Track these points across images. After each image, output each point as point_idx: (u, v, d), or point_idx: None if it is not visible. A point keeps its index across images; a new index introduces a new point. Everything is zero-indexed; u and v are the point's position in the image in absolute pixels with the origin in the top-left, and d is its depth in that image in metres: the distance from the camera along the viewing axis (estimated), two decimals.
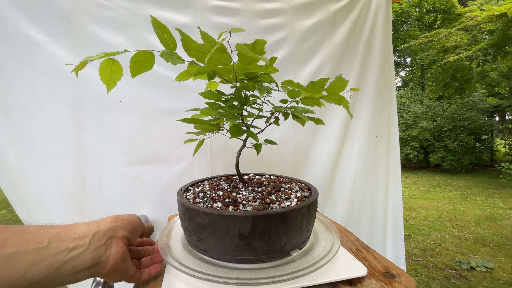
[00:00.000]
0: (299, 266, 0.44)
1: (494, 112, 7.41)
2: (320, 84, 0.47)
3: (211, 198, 0.53)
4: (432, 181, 6.00)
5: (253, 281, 0.41)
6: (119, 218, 0.42)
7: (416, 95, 8.78)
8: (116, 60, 0.42)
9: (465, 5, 7.79)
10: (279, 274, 0.42)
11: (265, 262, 0.46)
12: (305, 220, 0.48)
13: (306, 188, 0.58)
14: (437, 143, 6.93)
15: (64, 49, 0.79)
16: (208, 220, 0.44)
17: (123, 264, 0.39)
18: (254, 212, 0.44)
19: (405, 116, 7.41)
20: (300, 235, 0.48)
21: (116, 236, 0.39)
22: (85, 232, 0.36)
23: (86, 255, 0.35)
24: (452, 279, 2.20)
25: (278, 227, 0.44)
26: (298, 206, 0.46)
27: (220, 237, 0.44)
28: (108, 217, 0.42)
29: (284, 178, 0.68)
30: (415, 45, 7.11)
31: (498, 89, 8.42)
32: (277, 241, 0.45)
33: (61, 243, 0.33)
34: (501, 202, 4.28)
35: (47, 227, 0.34)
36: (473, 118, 6.79)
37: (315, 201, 0.51)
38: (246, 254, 0.45)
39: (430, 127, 6.95)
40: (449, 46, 6.69)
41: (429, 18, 11.01)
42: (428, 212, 3.90)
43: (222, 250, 0.45)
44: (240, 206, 0.48)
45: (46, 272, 0.31)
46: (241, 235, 0.43)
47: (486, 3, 6.36)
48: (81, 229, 0.37)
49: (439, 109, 7.32)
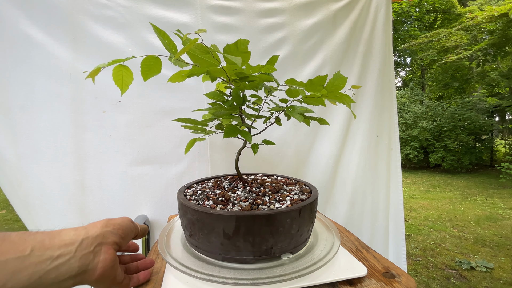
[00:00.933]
0: (298, 267, 0.44)
1: (494, 112, 7.41)
2: (318, 82, 0.47)
3: (206, 196, 0.54)
4: (432, 181, 6.00)
5: (253, 281, 0.41)
6: (109, 222, 0.41)
7: (416, 95, 8.77)
8: (126, 66, 0.44)
9: (465, 5, 7.79)
10: (279, 274, 0.42)
11: (251, 263, 0.45)
12: (295, 224, 0.46)
13: (308, 191, 0.57)
14: (437, 143, 6.93)
15: (63, 48, 0.79)
16: (197, 217, 0.46)
17: (112, 271, 0.38)
18: (238, 212, 0.44)
19: (405, 116, 7.40)
20: (290, 239, 0.46)
21: (106, 242, 0.38)
22: (72, 238, 0.35)
23: (72, 263, 0.33)
24: (452, 279, 2.20)
25: (263, 229, 0.44)
26: (286, 209, 0.45)
27: (207, 235, 0.46)
28: (99, 222, 0.40)
29: (291, 179, 0.66)
30: (415, 45, 7.11)
31: (498, 89, 8.42)
32: (262, 243, 0.44)
33: (45, 251, 0.32)
34: (501, 202, 4.28)
35: (31, 234, 0.33)
36: (473, 118, 6.78)
37: (308, 205, 0.48)
38: (231, 254, 0.45)
39: (430, 127, 6.95)
40: (449, 46, 6.69)
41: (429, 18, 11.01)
42: (428, 212, 3.90)
43: (210, 247, 0.46)
44: (229, 206, 0.49)
45: (27, 282, 0.30)
46: (226, 234, 0.44)
47: (486, 3, 6.36)
48: (68, 235, 0.35)
49: (439, 109, 7.31)
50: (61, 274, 0.33)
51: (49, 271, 0.32)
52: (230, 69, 0.46)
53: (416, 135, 7.02)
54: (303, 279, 0.43)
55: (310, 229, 0.52)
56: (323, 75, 0.45)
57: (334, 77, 0.48)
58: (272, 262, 0.46)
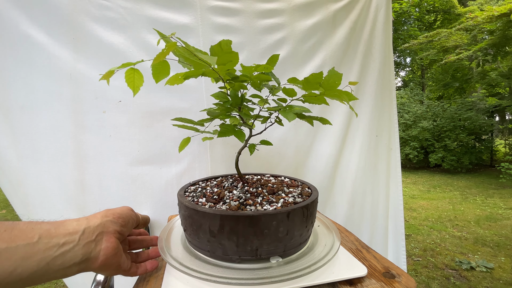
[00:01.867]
0: (298, 267, 0.44)
1: (494, 112, 7.41)
2: (314, 79, 0.46)
3: (202, 193, 0.55)
4: (432, 181, 6.00)
5: (253, 281, 0.41)
6: (109, 212, 0.42)
7: (416, 95, 8.77)
8: (137, 69, 0.46)
9: (465, 5, 7.79)
10: (279, 274, 0.42)
11: (236, 263, 0.46)
12: (282, 227, 0.45)
13: (307, 195, 0.55)
14: (437, 143, 6.93)
15: (63, 48, 0.79)
16: (188, 213, 0.48)
17: (115, 258, 0.39)
18: (223, 211, 0.45)
19: (405, 116, 7.40)
20: (278, 243, 0.45)
21: (107, 231, 0.39)
22: (75, 228, 0.37)
23: (76, 251, 0.35)
24: (452, 279, 2.20)
25: (246, 230, 0.44)
26: (272, 211, 0.44)
27: (196, 230, 0.47)
28: (99, 213, 0.42)
29: (297, 181, 0.65)
30: (415, 45, 7.11)
31: (498, 89, 8.42)
32: (247, 244, 0.44)
33: (51, 239, 0.34)
34: (501, 202, 4.28)
35: (37, 223, 0.35)
36: (473, 118, 6.78)
37: (299, 209, 0.46)
38: (218, 251, 0.46)
39: (430, 127, 6.95)
40: (449, 46, 6.69)
41: (429, 18, 11.01)
42: (428, 212, 3.90)
43: (199, 243, 0.48)
44: (219, 204, 0.49)
45: (36, 268, 0.32)
46: (211, 232, 0.45)
47: (486, 3, 6.36)
48: (71, 225, 0.37)
49: (439, 109, 7.31)
50: (67, 261, 0.34)
51: (55, 257, 0.33)
52: (222, 70, 0.46)
53: (416, 135, 7.02)
54: (303, 279, 0.43)
55: (304, 233, 0.49)
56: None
57: (329, 74, 0.46)
58: (272, 262, 0.46)
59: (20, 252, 0.31)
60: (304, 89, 0.49)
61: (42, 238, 0.33)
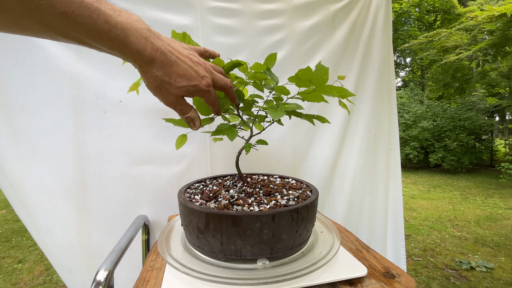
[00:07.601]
0: (299, 266, 0.45)
1: (494, 112, 7.40)
2: (303, 75, 0.45)
3: (200, 191, 0.57)
4: (432, 181, 6.00)
5: (253, 281, 0.41)
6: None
7: (416, 95, 8.77)
8: None
9: (465, 5, 7.79)
10: (279, 274, 0.42)
11: (222, 261, 0.47)
12: (266, 230, 0.44)
13: (304, 198, 0.53)
14: (437, 143, 6.93)
15: (64, 49, 0.79)
16: (182, 209, 0.51)
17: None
18: (209, 209, 0.46)
19: (405, 116, 7.40)
20: (264, 245, 0.45)
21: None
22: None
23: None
24: (452, 279, 2.20)
25: (229, 229, 0.44)
26: (255, 213, 0.44)
27: (187, 226, 0.50)
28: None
29: (303, 183, 0.64)
30: (415, 45, 7.11)
31: (498, 89, 8.42)
32: (230, 244, 0.45)
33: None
34: (501, 202, 4.28)
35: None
36: (473, 118, 6.78)
37: (287, 212, 0.45)
38: (205, 248, 0.48)
39: (430, 127, 6.95)
40: (449, 46, 6.69)
41: (429, 18, 11.01)
42: (428, 212, 3.90)
43: (190, 238, 0.51)
44: (210, 202, 0.51)
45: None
46: (199, 228, 0.47)
47: (486, 3, 6.36)
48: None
49: (439, 109, 7.31)
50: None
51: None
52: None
53: (416, 135, 7.02)
54: (303, 279, 0.43)
55: (295, 238, 0.47)
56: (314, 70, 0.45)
57: (316, 68, 0.45)
58: (273, 262, 0.47)
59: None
60: (297, 86, 0.49)
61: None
